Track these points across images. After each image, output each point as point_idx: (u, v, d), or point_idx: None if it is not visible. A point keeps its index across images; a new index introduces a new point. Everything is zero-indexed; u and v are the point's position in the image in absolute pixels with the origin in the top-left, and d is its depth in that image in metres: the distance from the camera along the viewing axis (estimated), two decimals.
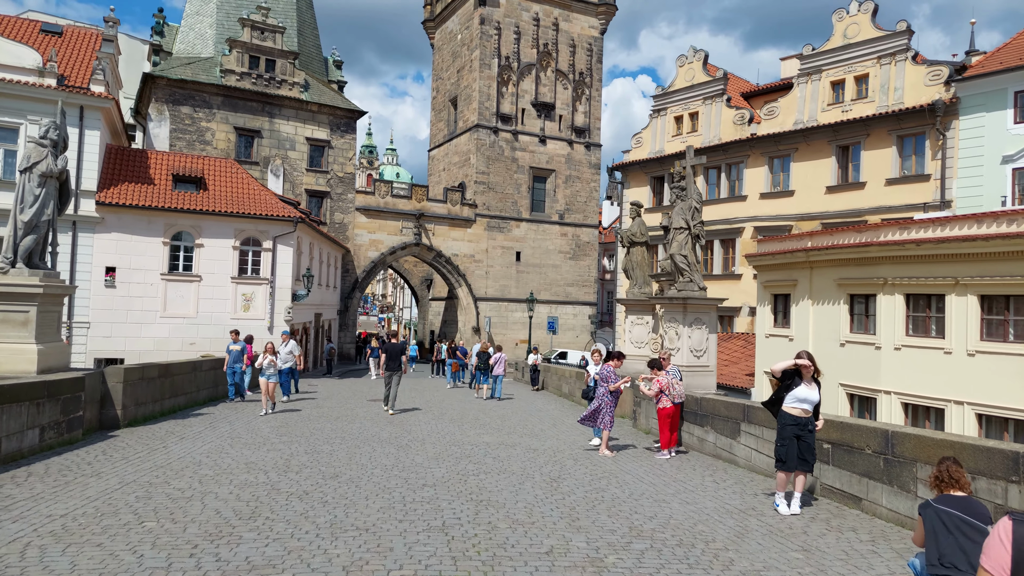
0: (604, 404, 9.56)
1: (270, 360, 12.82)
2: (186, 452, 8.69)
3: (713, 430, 9.63)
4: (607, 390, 9.59)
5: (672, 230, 12.64)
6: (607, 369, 9.66)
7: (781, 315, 17.26)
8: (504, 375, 18.44)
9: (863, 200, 22.52)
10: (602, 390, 9.62)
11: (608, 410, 9.54)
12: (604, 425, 9.55)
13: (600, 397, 9.60)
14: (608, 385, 9.56)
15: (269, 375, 12.85)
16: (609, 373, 9.61)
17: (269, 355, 12.93)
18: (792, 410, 6.60)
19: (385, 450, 9.31)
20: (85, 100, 20.35)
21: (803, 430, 6.53)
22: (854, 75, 23.36)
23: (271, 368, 12.85)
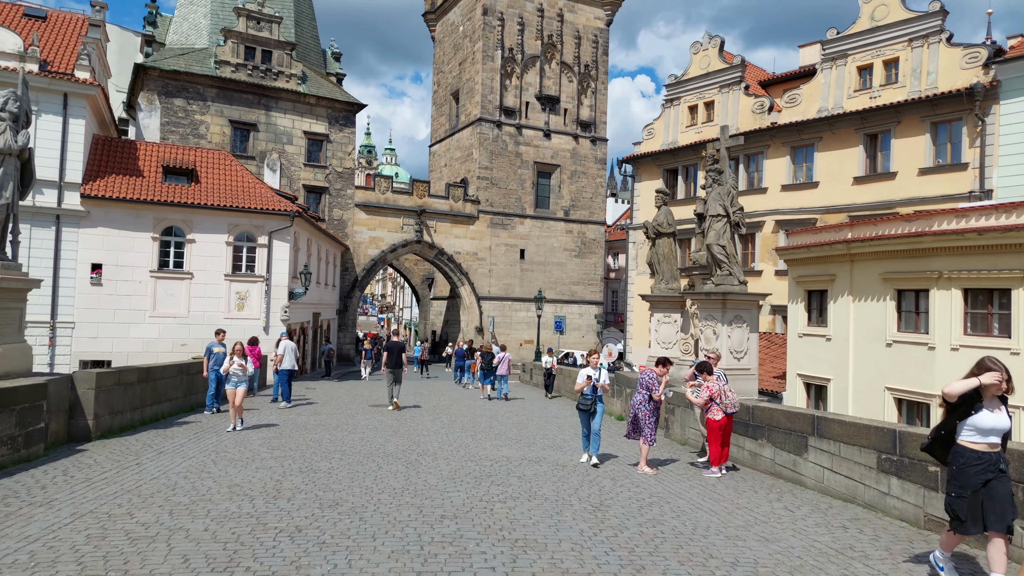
0: (642, 415, 8.31)
1: (238, 364, 10.55)
2: (162, 471, 7.44)
3: (771, 444, 8.38)
4: (644, 398, 8.34)
5: (708, 218, 11.39)
6: (649, 376, 8.41)
7: (816, 313, 16.01)
8: (508, 375, 18.29)
9: (894, 191, 21.27)
10: (639, 397, 8.37)
11: (648, 422, 8.29)
12: (645, 439, 8.30)
13: (637, 406, 8.36)
14: (653, 393, 8.30)
15: (236, 382, 10.54)
16: (652, 380, 8.36)
17: (236, 358, 10.60)
18: (974, 445, 4.42)
19: (392, 467, 8.05)
20: (69, 87, 19.10)
21: (993, 471, 4.38)
22: (883, 59, 22.11)
23: (239, 373, 10.59)
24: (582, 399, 8.69)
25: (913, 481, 6.09)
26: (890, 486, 6.37)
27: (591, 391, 8.59)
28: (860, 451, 6.77)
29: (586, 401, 8.65)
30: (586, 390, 8.59)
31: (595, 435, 8.71)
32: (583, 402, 8.69)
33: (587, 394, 8.61)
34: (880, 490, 6.49)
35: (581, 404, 8.72)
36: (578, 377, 8.78)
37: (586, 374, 8.63)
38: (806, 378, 16.12)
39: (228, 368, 10.64)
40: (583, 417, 8.78)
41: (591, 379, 8.59)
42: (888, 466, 6.40)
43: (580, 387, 8.64)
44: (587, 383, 8.58)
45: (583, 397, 8.66)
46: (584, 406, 8.70)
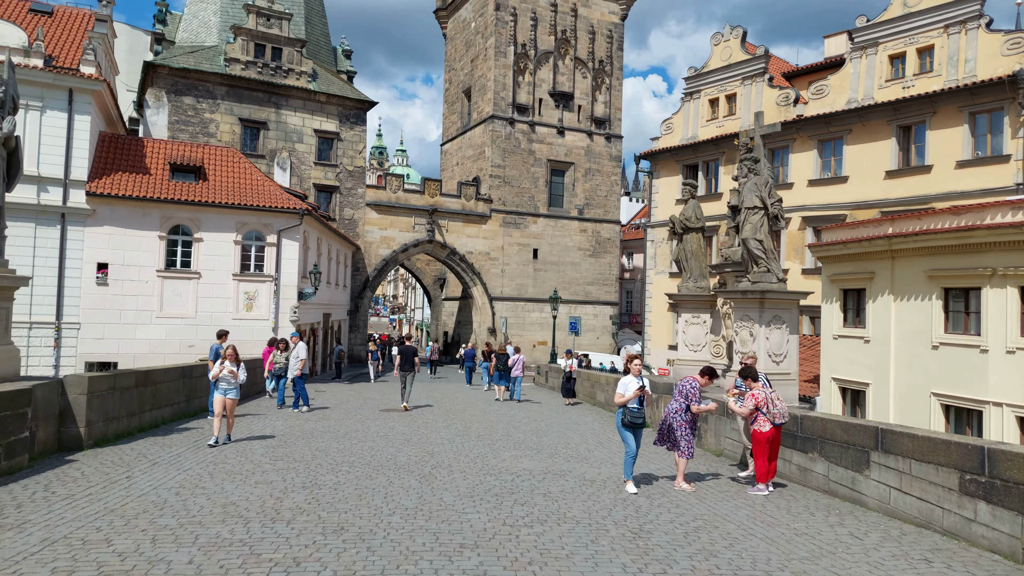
0: (677, 424, 7.51)
1: (228, 370, 9.32)
2: (152, 486, 6.77)
3: (823, 458, 7.54)
4: (681, 407, 7.53)
5: (743, 210, 10.58)
6: (691, 384, 7.59)
7: (853, 313, 15.08)
8: (522, 376, 18.30)
9: (929, 185, 20.24)
10: (675, 406, 7.57)
11: (685, 434, 7.49)
12: (681, 453, 7.49)
13: (672, 415, 7.56)
14: (692, 405, 7.49)
15: (226, 389, 9.32)
16: (693, 390, 7.54)
17: (228, 363, 9.38)
18: None
19: (404, 482, 7.33)
20: (74, 82, 18.65)
21: None
22: (916, 47, 21.09)
23: (229, 380, 9.38)
24: (630, 413, 7.29)
25: (1008, 507, 5.25)
26: (976, 512, 5.53)
27: (639, 403, 7.33)
28: (937, 470, 5.93)
29: (637, 415, 7.29)
30: (632, 403, 7.29)
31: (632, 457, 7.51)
32: (632, 416, 7.28)
33: (635, 407, 7.30)
34: (963, 516, 5.65)
35: (630, 419, 7.29)
36: (619, 386, 7.46)
37: (633, 383, 7.31)
38: (842, 382, 15.19)
39: (217, 373, 9.38)
40: (629, 434, 7.39)
41: (643, 388, 7.32)
42: (974, 488, 5.55)
43: (627, 399, 7.30)
44: (637, 393, 7.24)
45: (631, 410, 7.30)
46: (635, 420, 7.34)
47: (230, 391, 9.40)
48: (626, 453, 7.52)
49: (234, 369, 9.43)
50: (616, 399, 7.48)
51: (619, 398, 7.42)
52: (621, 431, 7.51)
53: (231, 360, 9.46)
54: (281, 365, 13.43)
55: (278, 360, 13.40)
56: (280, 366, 13.45)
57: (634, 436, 7.42)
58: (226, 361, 9.43)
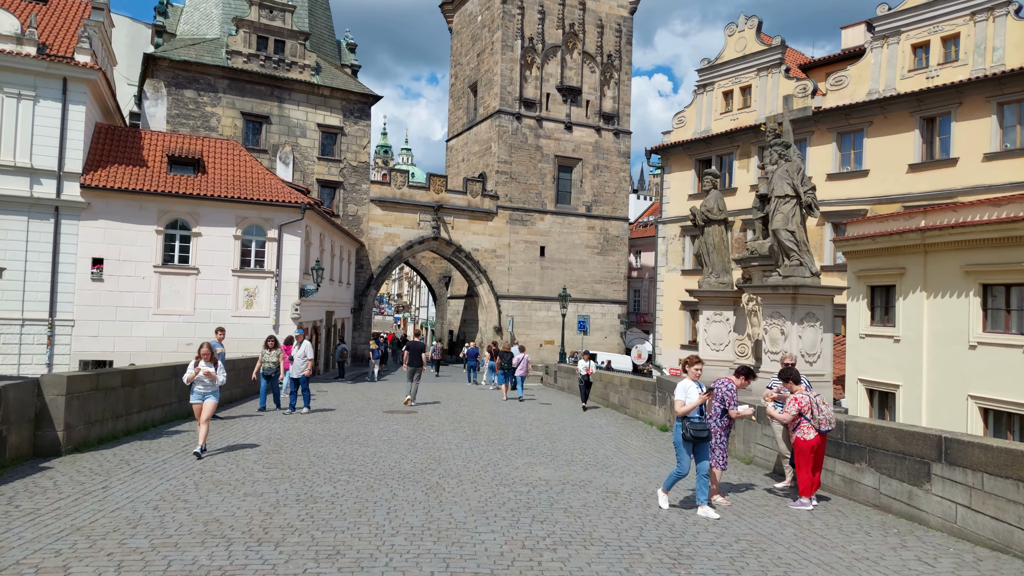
0: (712, 432, 6.77)
1: (205, 372, 8.16)
2: (130, 498, 6.10)
3: (873, 469, 6.80)
4: (716, 412, 6.81)
5: (773, 199, 9.83)
6: (727, 386, 6.86)
7: (881, 311, 14.31)
8: (527, 376, 18.40)
9: (955, 179, 19.41)
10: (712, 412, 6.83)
11: (721, 442, 6.76)
12: (716, 462, 6.76)
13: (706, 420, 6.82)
14: (730, 409, 6.76)
15: (203, 393, 8.24)
16: (730, 393, 6.80)
17: (203, 363, 8.20)
18: None
19: (409, 494, 6.63)
20: (68, 71, 18.04)
21: None
22: (941, 36, 20.26)
23: (206, 382, 8.26)
24: (693, 425, 6.23)
25: None
26: None
27: (700, 413, 6.32)
28: (1017, 486, 5.19)
29: (701, 427, 6.25)
30: (694, 413, 6.28)
31: (704, 476, 6.38)
32: (696, 429, 6.22)
33: (697, 417, 6.29)
34: None
35: (694, 431, 6.22)
36: (677, 393, 6.38)
37: (694, 390, 6.30)
38: (869, 384, 14.42)
39: (193, 376, 8.16)
40: (688, 448, 6.31)
41: (713, 392, 6.40)
42: None
43: (689, 408, 6.25)
44: (702, 399, 6.25)
45: (693, 422, 6.25)
46: (699, 433, 6.24)
47: (208, 395, 8.31)
48: (677, 468, 6.46)
49: (211, 370, 8.25)
50: (676, 408, 6.35)
51: (680, 407, 6.31)
52: (678, 446, 6.39)
53: (206, 360, 8.29)
54: (271, 365, 12.48)
55: (268, 359, 12.45)
56: (269, 366, 12.45)
57: (695, 450, 6.36)
58: (201, 361, 8.25)
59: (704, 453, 6.42)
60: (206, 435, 8.28)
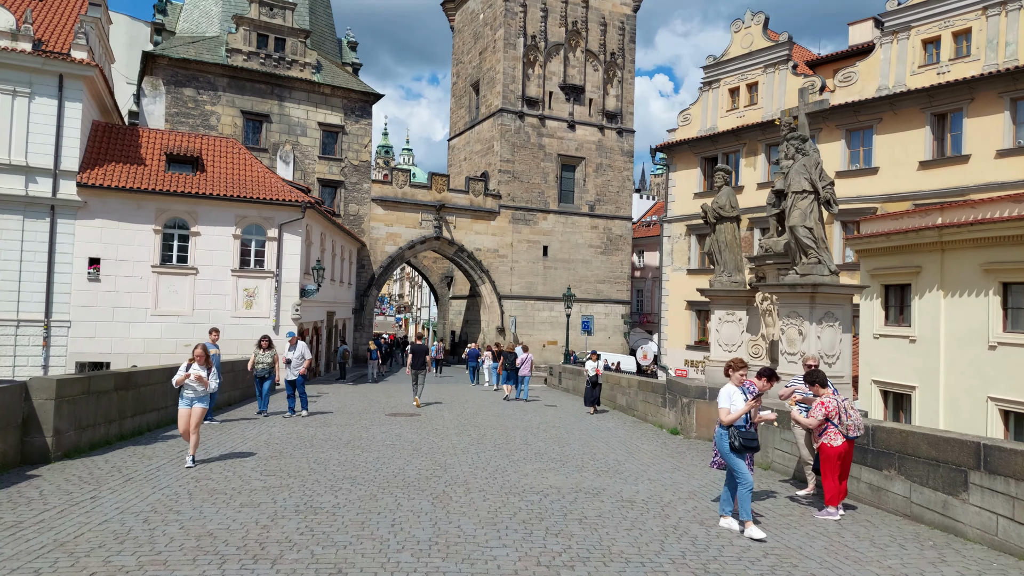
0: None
1: (196, 376, 7.56)
2: (119, 509, 5.76)
3: (903, 477, 6.45)
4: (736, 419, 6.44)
5: (790, 195, 9.48)
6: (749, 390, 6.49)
7: (895, 310, 13.96)
8: (530, 376, 18.50)
9: (967, 176, 19.06)
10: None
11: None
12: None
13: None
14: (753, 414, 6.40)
15: (192, 399, 7.65)
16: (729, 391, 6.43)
17: (196, 365, 7.61)
18: None
19: (415, 504, 6.29)
20: (65, 67, 17.72)
21: None
22: (952, 31, 19.92)
23: (196, 387, 7.62)
24: (741, 434, 5.70)
25: None
26: None
27: (746, 421, 5.80)
28: None
29: (751, 436, 5.70)
30: (740, 421, 5.77)
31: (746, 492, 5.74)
32: (746, 438, 5.69)
33: (743, 425, 5.76)
34: None
35: (743, 441, 5.69)
36: (721, 399, 5.84)
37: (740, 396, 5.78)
38: (884, 385, 14.07)
39: (182, 379, 7.55)
40: (738, 462, 5.72)
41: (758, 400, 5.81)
42: None
43: (735, 417, 5.74)
44: (750, 406, 5.73)
45: (741, 431, 5.71)
46: (749, 443, 5.68)
47: (197, 401, 7.63)
48: (740, 485, 5.69)
49: (202, 374, 7.57)
50: (722, 417, 5.82)
51: (725, 415, 5.79)
52: (731, 457, 5.77)
53: (200, 363, 7.61)
54: (264, 366, 12.00)
55: (261, 360, 12.02)
56: (263, 367, 11.94)
57: (747, 462, 5.85)
58: (194, 364, 7.59)
59: (750, 465, 5.91)
60: (197, 444, 7.76)
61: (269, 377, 12.05)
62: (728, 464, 5.84)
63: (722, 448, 5.85)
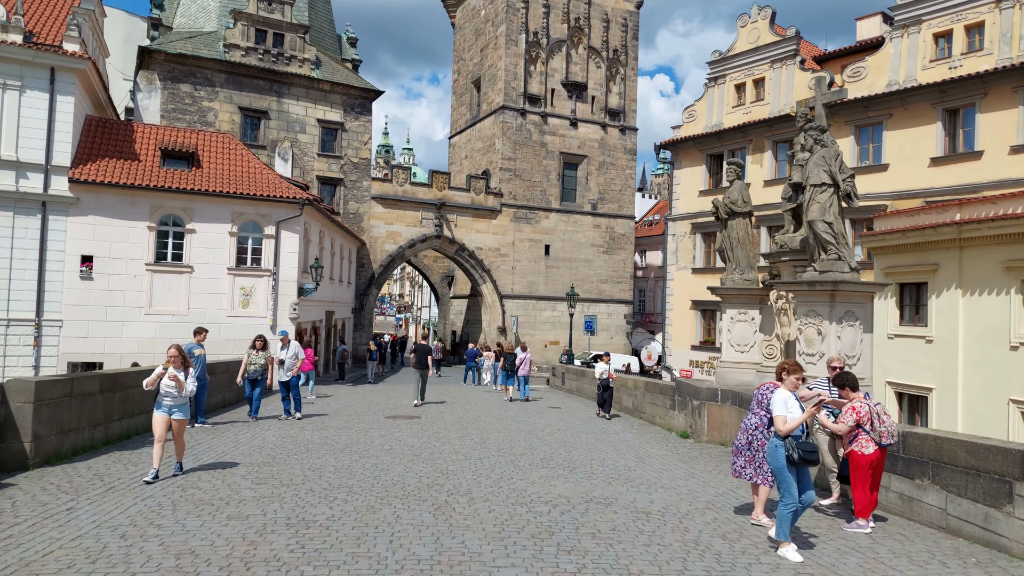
0: (757, 443, 5.99)
1: (171, 376, 6.89)
2: (96, 522, 5.33)
3: (938, 487, 6.02)
4: (763, 422, 6.02)
5: (809, 188, 9.05)
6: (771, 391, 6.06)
7: (911, 309, 13.54)
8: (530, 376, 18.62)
9: (979, 172, 18.60)
10: (755, 420, 6.05)
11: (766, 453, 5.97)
12: (764, 479, 5.97)
13: (752, 431, 6.05)
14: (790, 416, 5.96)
15: (170, 406, 6.95)
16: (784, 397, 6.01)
17: (172, 368, 6.94)
18: None
19: (415, 516, 5.86)
20: (56, 60, 17.29)
21: None
22: (964, 24, 19.47)
23: (173, 392, 6.95)
24: (800, 447, 5.07)
25: None
26: None
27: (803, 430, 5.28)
28: None
29: (811, 449, 5.09)
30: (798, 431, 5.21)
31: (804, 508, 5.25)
32: (806, 451, 5.05)
33: (799, 435, 5.20)
34: None
35: (802, 454, 5.04)
36: (775, 406, 5.24)
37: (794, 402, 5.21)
38: (899, 387, 13.65)
39: (154, 381, 6.86)
40: (794, 474, 5.10)
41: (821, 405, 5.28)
42: None
43: (793, 426, 5.14)
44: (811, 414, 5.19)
45: (799, 442, 5.11)
46: (809, 456, 5.04)
47: (176, 408, 6.97)
48: (783, 503, 5.09)
49: (179, 376, 6.91)
50: (777, 426, 5.20)
51: (782, 424, 5.15)
52: (783, 473, 5.12)
53: (175, 364, 6.93)
54: (257, 368, 11.47)
55: (254, 362, 11.50)
56: (256, 369, 11.39)
57: (800, 476, 5.18)
58: (170, 367, 6.88)
59: (808, 481, 5.26)
60: (181, 452, 7.21)
61: (262, 380, 11.50)
62: (777, 479, 5.25)
63: (776, 462, 5.24)
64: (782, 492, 5.17)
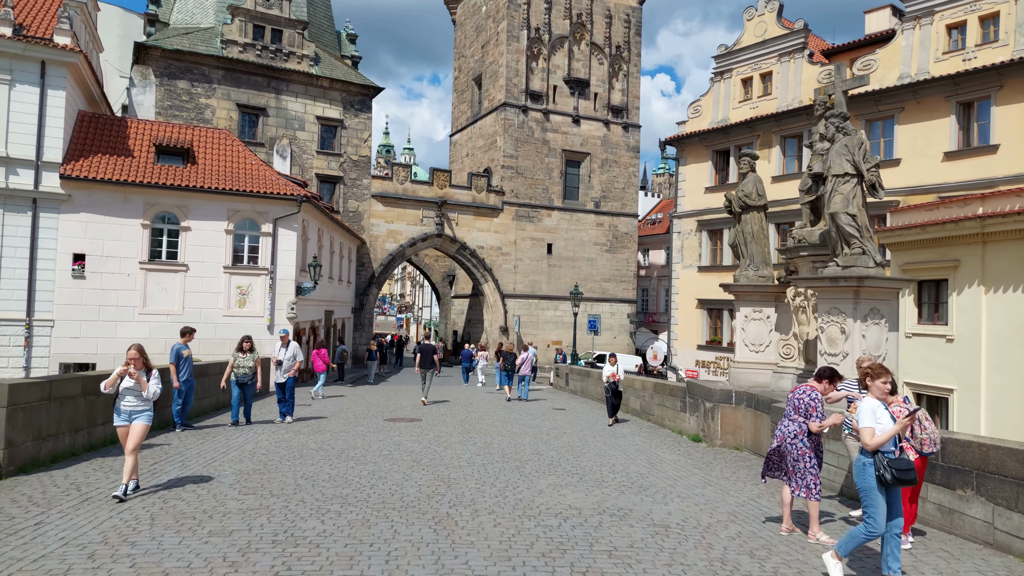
0: (797, 453, 5.50)
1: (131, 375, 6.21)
2: (64, 539, 4.87)
3: (983, 499, 5.54)
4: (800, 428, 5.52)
5: (831, 179, 8.57)
6: (809, 396, 5.59)
7: (930, 307, 13.05)
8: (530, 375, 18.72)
9: (995, 167, 18.10)
10: (793, 427, 5.57)
11: (810, 466, 5.50)
12: (808, 491, 5.47)
13: (789, 439, 5.56)
14: (811, 423, 5.50)
15: (130, 413, 6.23)
16: (814, 403, 5.55)
17: (132, 367, 6.21)
18: None
19: (414, 531, 5.38)
20: (47, 53, 16.84)
21: None
22: (979, 15, 18.98)
23: (134, 398, 6.25)
24: (890, 461, 4.32)
25: None
26: None
27: (895, 444, 4.50)
28: None
29: (906, 467, 4.32)
30: (889, 444, 4.40)
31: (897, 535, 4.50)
32: (900, 469, 4.30)
33: (890, 450, 4.40)
34: None
35: (896, 473, 4.29)
36: (862, 417, 4.42)
37: (883, 411, 4.44)
38: (917, 388, 13.15)
39: (112, 382, 6.18)
40: (878, 502, 4.34)
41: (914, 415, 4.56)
42: None
43: (883, 440, 4.34)
44: (904, 425, 4.42)
45: (889, 457, 4.35)
46: (905, 476, 4.27)
47: (138, 414, 6.20)
48: (866, 526, 4.39)
49: (140, 375, 6.18)
50: (865, 439, 4.40)
51: (870, 437, 4.35)
52: (872, 494, 4.35)
53: (136, 366, 6.21)
54: (246, 371, 10.86)
55: (241, 364, 10.90)
56: (245, 371, 10.77)
57: (890, 498, 4.40)
58: (130, 368, 6.17)
59: (898, 505, 4.45)
60: (133, 469, 6.14)
61: (251, 383, 10.87)
62: (864, 502, 4.46)
63: (865, 482, 4.40)
64: (867, 514, 4.44)
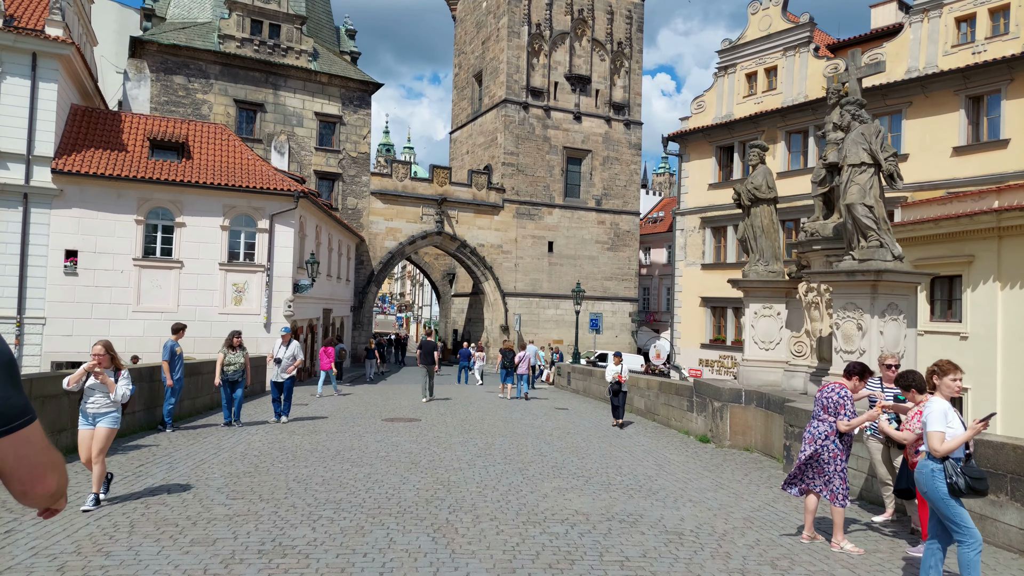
0: (828, 455, 5.15)
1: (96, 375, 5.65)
2: (34, 549, 4.52)
3: (1020, 505, 5.21)
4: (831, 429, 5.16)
5: (847, 168, 8.21)
6: (838, 394, 5.24)
7: (943, 304, 12.71)
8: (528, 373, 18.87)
9: (1005, 162, 17.76)
10: (824, 428, 5.22)
11: (840, 469, 5.16)
12: (834, 497, 5.13)
13: (820, 441, 5.20)
14: (838, 422, 5.16)
15: (94, 415, 5.71)
16: (843, 399, 5.20)
17: (97, 365, 5.65)
18: None
19: (411, 540, 5.04)
20: (38, 45, 16.47)
21: None
22: (988, 7, 18.64)
23: (100, 399, 5.72)
24: (962, 468, 3.88)
25: None
26: None
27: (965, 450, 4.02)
28: None
29: (979, 475, 3.89)
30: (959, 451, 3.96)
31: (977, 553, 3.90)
32: (974, 478, 3.88)
33: (961, 457, 3.95)
34: None
35: (970, 481, 3.86)
36: (931, 420, 3.96)
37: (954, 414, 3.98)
38: None
39: (77, 378, 5.64)
40: (960, 511, 3.90)
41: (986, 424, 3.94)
42: None
43: (954, 445, 3.91)
44: (978, 429, 3.92)
45: (958, 463, 3.90)
46: (978, 484, 3.82)
47: (102, 416, 5.65)
48: (964, 545, 3.85)
49: (108, 377, 5.63)
50: (933, 444, 3.93)
51: (939, 442, 3.89)
52: (949, 505, 3.87)
53: (103, 364, 5.65)
54: (236, 368, 10.47)
55: (231, 362, 10.48)
56: (235, 369, 10.37)
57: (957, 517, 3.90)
58: (95, 366, 5.60)
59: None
60: (101, 477, 5.64)
61: (241, 382, 10.48)
62: (943, 514, 3.94)
63: (935, 491, 3.92)
64: (956, 530, 3.88)
